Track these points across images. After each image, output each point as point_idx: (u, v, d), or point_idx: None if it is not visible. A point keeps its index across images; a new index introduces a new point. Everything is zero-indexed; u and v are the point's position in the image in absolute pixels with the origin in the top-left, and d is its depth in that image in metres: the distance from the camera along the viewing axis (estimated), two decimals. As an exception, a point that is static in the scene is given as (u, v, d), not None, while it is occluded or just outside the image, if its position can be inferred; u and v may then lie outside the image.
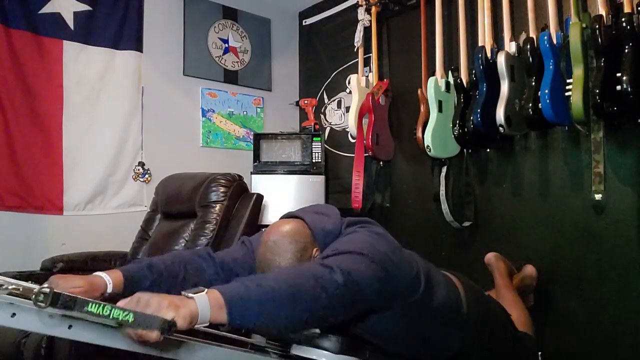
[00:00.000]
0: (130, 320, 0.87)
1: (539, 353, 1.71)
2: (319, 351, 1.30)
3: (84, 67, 2.94)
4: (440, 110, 2.51)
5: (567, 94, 2.03)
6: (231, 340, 1.35)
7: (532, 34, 2.22)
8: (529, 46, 2.16)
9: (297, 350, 1.32)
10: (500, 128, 2.21)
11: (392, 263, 1.26)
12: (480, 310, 1.56)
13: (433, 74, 2.59)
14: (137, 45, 3.12)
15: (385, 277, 1.21)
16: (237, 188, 2.55)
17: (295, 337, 1.34)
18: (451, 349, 1.49)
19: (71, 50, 2.90)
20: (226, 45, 3.52)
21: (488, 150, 2.52)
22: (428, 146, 2.50)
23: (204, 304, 0.93)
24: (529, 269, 2.26)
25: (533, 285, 2.24)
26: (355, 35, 3.15)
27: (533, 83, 2.13)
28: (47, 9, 2.83)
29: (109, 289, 1.25)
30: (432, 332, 1.43)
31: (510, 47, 2.29)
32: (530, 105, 2.10)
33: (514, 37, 2.32)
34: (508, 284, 2.11)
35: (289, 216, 1.45)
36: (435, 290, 1.40)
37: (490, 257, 2.22)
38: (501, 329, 1.66)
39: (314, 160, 3.12)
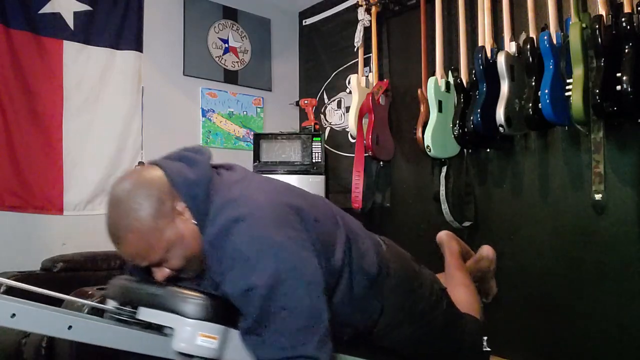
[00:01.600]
0: None
1: (484, 338, 1.50)
2: (170, 315, 1.02)
3: (84, 67, 2.93)
4: (440, 110, 2.51)
5: (567, 94, 2.03)
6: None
7: (532, 34, 2.22)
8: (529, 46, 2.16)
9: (144, 315, 1.07)
10: (500, 128, 2.21)
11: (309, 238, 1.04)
12: (402, 274, 1.31)
13: (433, 74, 2.59)
14: (137, 45, 3.12)
15: (316, 258, 1.03)
16: (237, 188, 2.54)
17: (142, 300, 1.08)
18: (371, 314, 1.24)
19: (71, 50, 2.90)
20: (226, 45, 3.52)
21: (488, 150, 2.52)
22: (428, 146, 2.50)
23: None
24: (485, 250, 1.94)
25: (492, 268, 1.93)
26: (355, 35, 3.15)
27: (533, 83, 2.13)
28: (47, 9, 2.83)
29: None
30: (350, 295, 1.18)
31: (510, 47, 2.29)
32: (530, 105, 2.10)
33: (514, 37, 2.32)
34: (459, 264, 1.77)
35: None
36: (353, 249, 1.18)
37: (441, 235, 1.91)
38: (428, 300, 1.35)
39: (314, 160, 3.12)
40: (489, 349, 1.47)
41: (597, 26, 1.90)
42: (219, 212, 1.05)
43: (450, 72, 2.56)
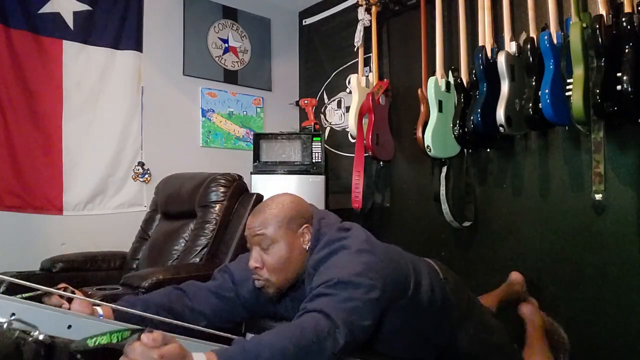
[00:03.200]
0: None
1: None
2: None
3: (84, 67, 2.93)
4: (440, 110, 2.51)
5: (567, 93, 2.03)
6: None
7: (533, 34, 2.22)
8: (529, 46, 2.16)
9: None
10: (501, 128, 2.21)
11: (385, 278, 1.23)
12: (464, 298, 1.60)
13: (433, 73, 2.59)
14: (137, 45, 3.12)
15: (380, 297, 1.18)
16: (237, 188, 2.54)
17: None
18: (442, 338, 1.48)
19: (71, 50, 2.90)
20: (226, 45, 3.52)
21: (488, 150, 2.52)
22: (428, 146, 2.49)
23: None
24: (514, 275, 2.25)
25: (523, 290, 2.23)
26: (355, 35, 3.15)
27: (533, 83, 2.13)
28: (46, 8, 2.83)
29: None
30: (420, 323, 1.40)
31: (511, 47, 2.29)
32: (531, 105, 2.10)
33: (514, 36, 2.32)
34: (540, 336, 2.02)
35: None
36: (421, 283, 1.40)
37: (524, 310, 2.10)
38: (488, 328, 1.66)
39: (314, 160, 3.12)
40: None
41: (597, 26, 1.90)
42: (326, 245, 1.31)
43: (450, 72, 2.56)
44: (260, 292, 1.38)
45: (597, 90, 1.87)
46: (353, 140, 3.15)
